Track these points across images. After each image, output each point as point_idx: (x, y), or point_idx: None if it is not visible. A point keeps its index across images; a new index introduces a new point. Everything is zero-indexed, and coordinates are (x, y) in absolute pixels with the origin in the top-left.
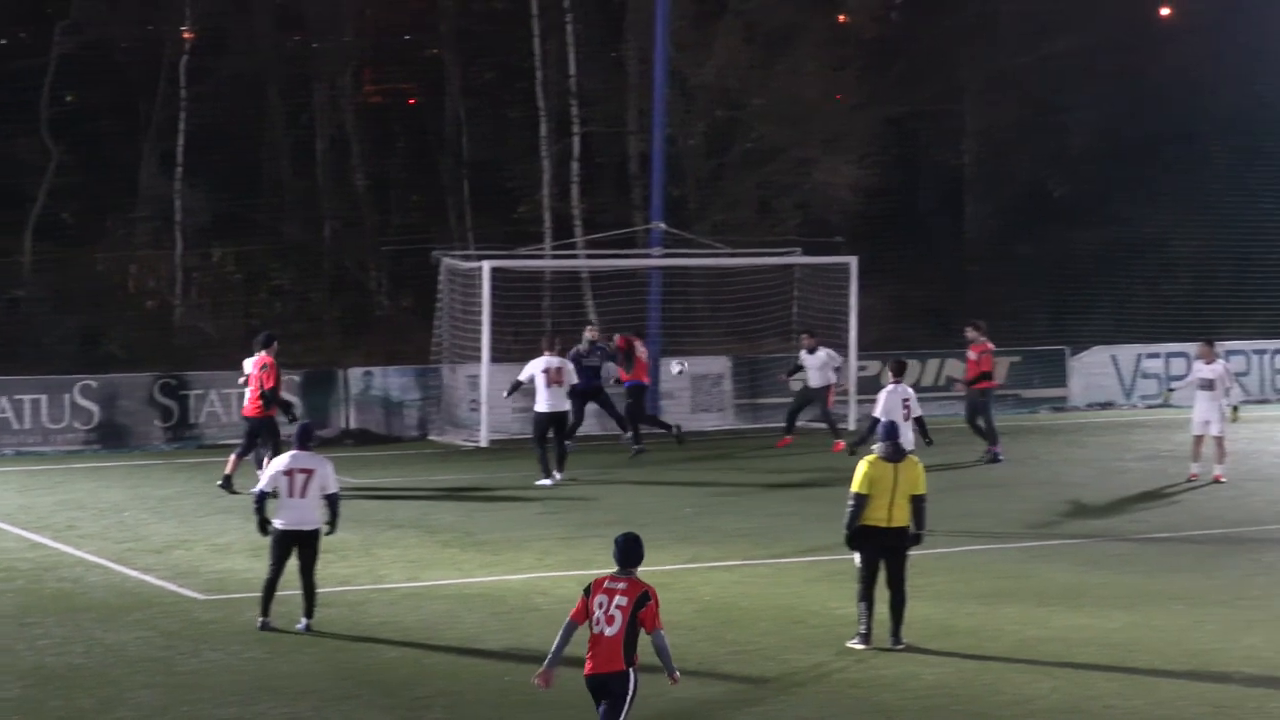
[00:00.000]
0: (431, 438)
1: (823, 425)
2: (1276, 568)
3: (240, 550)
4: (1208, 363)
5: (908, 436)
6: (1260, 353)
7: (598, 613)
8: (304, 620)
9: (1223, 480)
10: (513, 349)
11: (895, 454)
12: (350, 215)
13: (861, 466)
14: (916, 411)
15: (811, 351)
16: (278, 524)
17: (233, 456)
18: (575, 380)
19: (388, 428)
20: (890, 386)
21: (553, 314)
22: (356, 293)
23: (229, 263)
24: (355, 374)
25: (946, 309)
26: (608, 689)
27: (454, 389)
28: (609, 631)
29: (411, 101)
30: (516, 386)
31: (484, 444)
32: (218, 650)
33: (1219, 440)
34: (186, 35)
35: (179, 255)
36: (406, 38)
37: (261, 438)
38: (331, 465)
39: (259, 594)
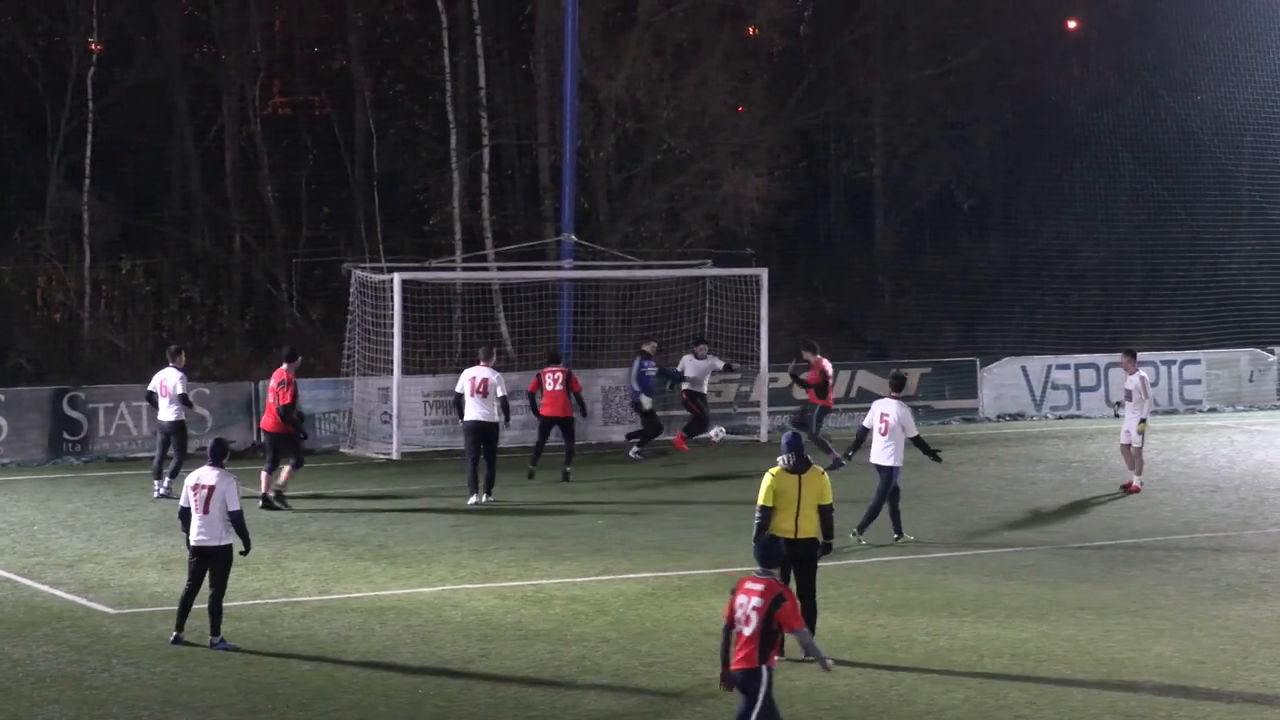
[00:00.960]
0: (343, 450)
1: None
2: (1184, 577)
3: (151, 564)
4: (1129, 373)
5: (885, 450)
6: (1169, 363)
7: (739, 612)
8: (210, 638)
9: (1136, 489)
10: (424, 361)
11: (798, 465)
12: (260, 227)
13: (765, 479)
14: (912, 431)
15: (700, 358)
16: (189, 539)
17: (264, 474)
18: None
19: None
20: (881, 399)
21: (464, 326)
22: (266, 305)
23: (138, 275)
24: (265, 387)
25: (857, 321)
26: (744, 686)
27: (365, 401)
28: (746, 631)
29: (319, 113)
30: (458, 399)
31: (396, 456)
32: (128, 664)
33: (1132, 449)
34: (94, 47)
35: (87, 267)
36: (315, 49)
37: (284, 452)
38: (235, 482)
39: (173, 608)
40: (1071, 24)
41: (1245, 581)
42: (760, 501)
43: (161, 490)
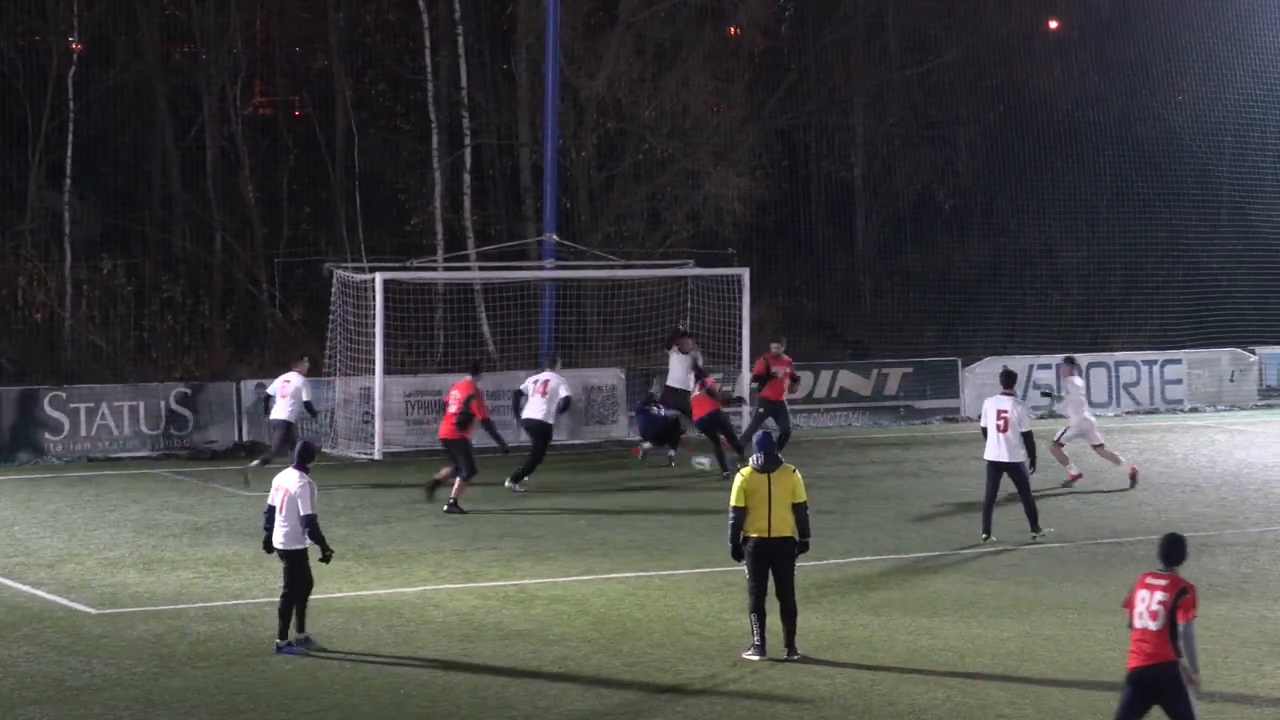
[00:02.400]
0: (325, 450)
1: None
2: None
3: (132, 563)
4: (1067, 377)
5: (1003, 448)
6: (1150, 363)
7: (1140, 607)
8: (277, 640)
9: (1078, 476)
10: (406, 361)
11: (767, 464)
12: (240, 227)
13: (736, 479)
14: (1024, 426)
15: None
16: (267, 539)
17: (454, 479)
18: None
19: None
20: (993, 397)
21: (446, 326)
22: (247, 305)
23: (119, 275)
24: (247, 386)
25: (838, 320)
26: (1156, 682)
27: (348, 401)
28: (1153, 626)
29: (300, 113)
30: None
31: (378, 456)
32: (109, 665)
33: (1060, 446)
34: (74, 46)
35: (68, 267)
36: (296, 49)
37: (459, 458)
38: (311, 487)
39: (155, 608)
40: (1053, 24)
41: (1226, 581)
42: (732, 502)
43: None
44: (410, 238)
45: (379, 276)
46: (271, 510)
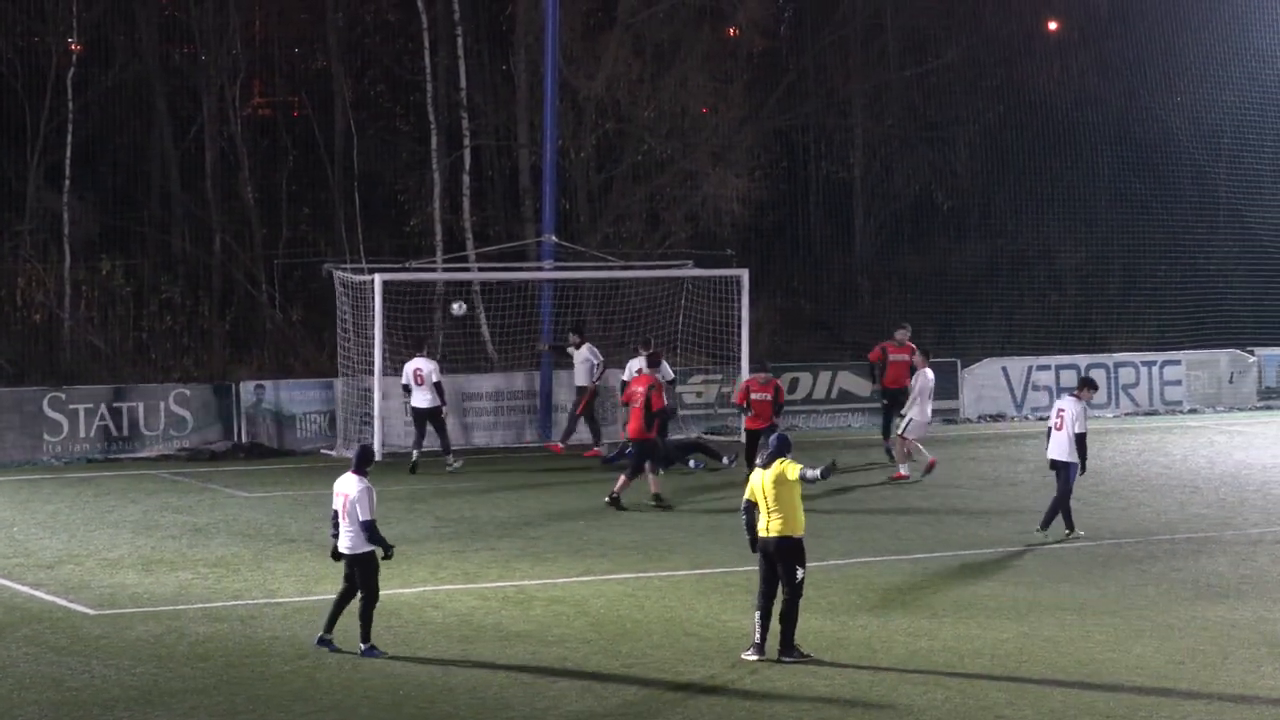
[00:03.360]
0: (325, 451)
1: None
2: (1164, 578)
3: (131, 564)
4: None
5: (1055, 446)
6: (1149, 364)
7: None
8: (360, 644)
9: (904, 476)
10: (406, 362)
11: (764, 461)
12: (239, 228)
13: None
14: (1079, 428)
15: (576, 348)
16: (335, 545)
17: (622, 477)
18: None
19: (280, 441)
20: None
21: (445, 327)
22: (246, 306)
23: (118, 276)
24: (247, 388)
25: (836, 321)
26: None
27: (347, 402)
28: None
29: (299, 114)
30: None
31: (377, 457)
32: (108, 666)
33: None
34: (73, 47)
35: (67, 268)
36: (295, 50)
37: (647, 456)
38: (369, 491)
39: (153, 608)
40: (1051, 24)
41: (1224, 582)
42: (745, 496)
43: (455, 465)
44: (409, 239)
45: (378, 277)
46: (335, 516)
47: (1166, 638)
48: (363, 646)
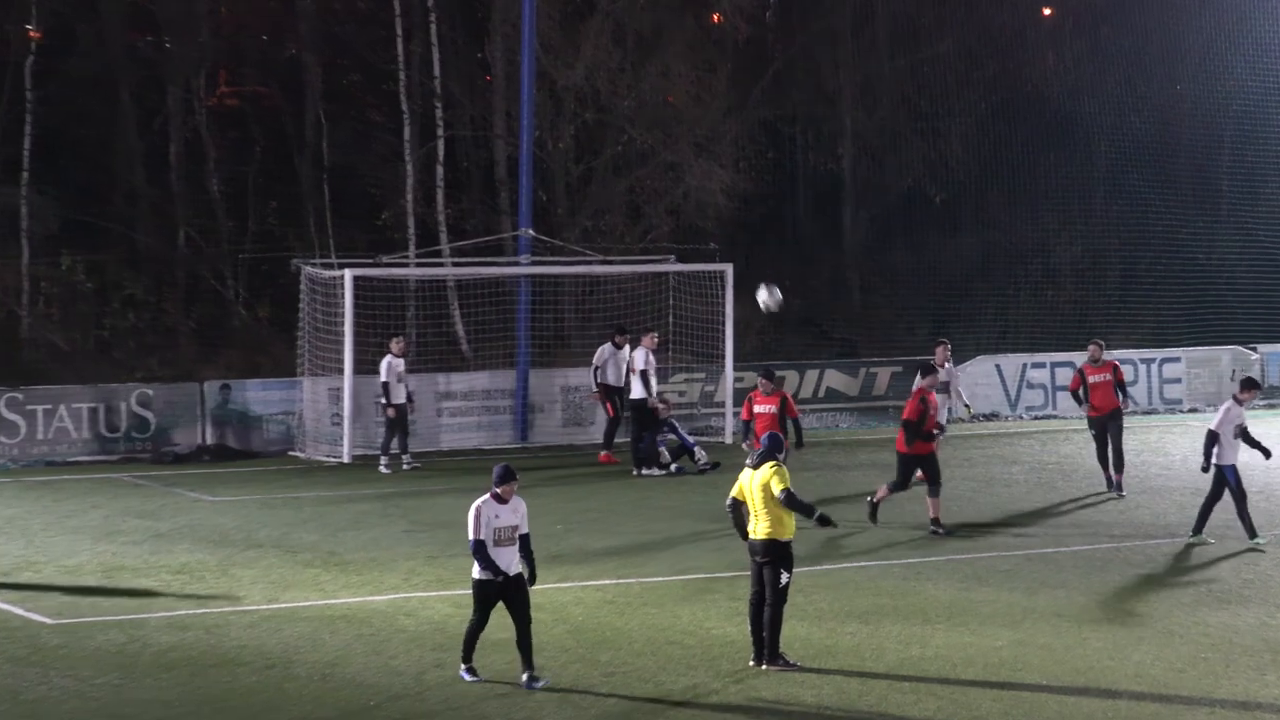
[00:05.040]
0: (293, 453)
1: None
2: (1164, 583)
3: (92, 571)
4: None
5: (1231, 451)
6: (1148, 361)
7: None
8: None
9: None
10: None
11: (755, 460)
12: (206, 222)
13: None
14: (1214, 424)
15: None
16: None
17: (883, 487)
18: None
19: (246, 443)
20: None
21: (418, 324)
22: (213, 303)
23: (79, 272)
24: (212, 387)
25: (825, 318)
26: None
27: (316, 402)
28: None
29: (268, 104)
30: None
31: (347, 460)
32: (67, 677)
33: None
34: (33, 35)
35: (25, 264)
36: (264, 38)
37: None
38: (472, 511)
39: (116, 617)
40: (1046, 11)
41: (1227, 587)
42: (732, 494)
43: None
44: (381, 233)
45: (348, 273)
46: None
47: (1166, 644)
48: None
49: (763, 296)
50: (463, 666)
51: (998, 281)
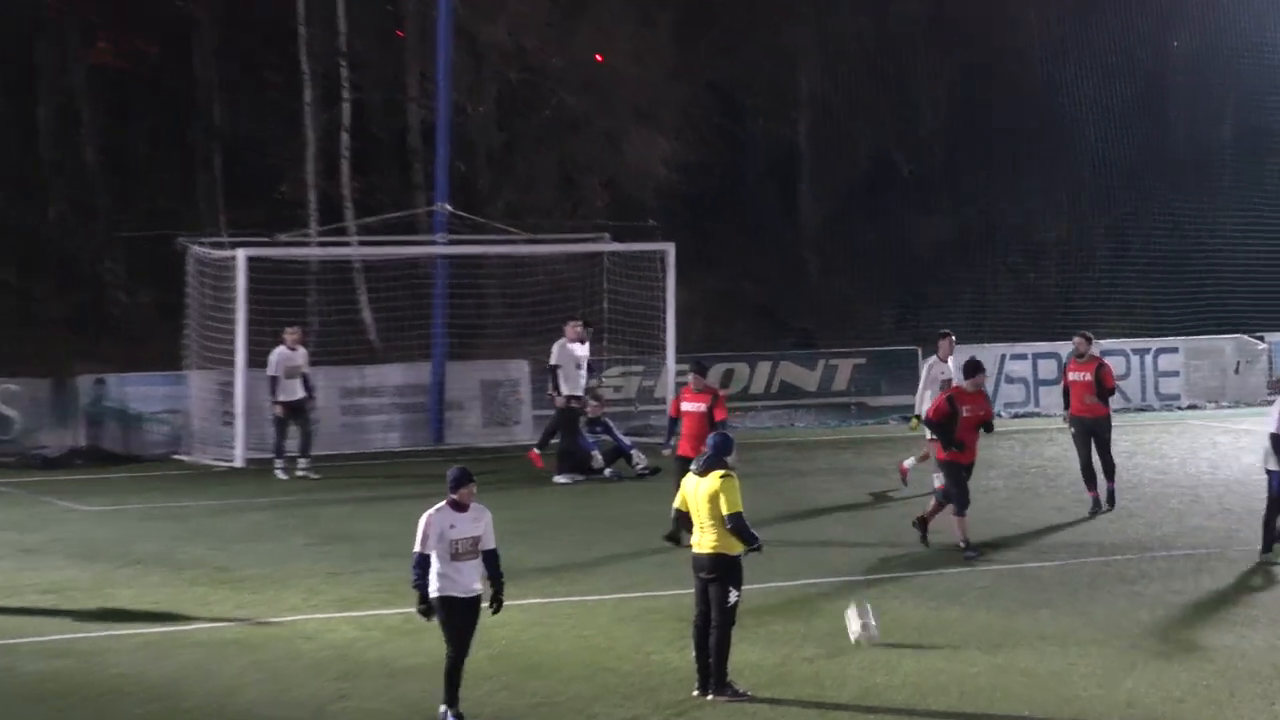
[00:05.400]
0: (178, 457)
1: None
2: (1160, 601)
3: None
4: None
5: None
6: (1141, 352)
7: None
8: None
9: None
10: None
11: (701, 466)
12: (81, 197)
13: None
14: (1275, 426)
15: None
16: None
17: (955, 518)
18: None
19: (126, 445)
20: None
21: (321, 311)
22: (89, 288)
23: None
24: (86, 382)
25: (779, 305)
26: None
27: (205, 399)
28: None
29: (152, 64)
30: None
31: (240, 464)
32: None
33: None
34: None
35: None
36: None
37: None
38: (421, 522)
39: None
40: None
41: (1230, 605)
42: (674, 504)
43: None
44: (279, 208)
45: (241, 253)
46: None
47: (1163, 670)
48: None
49: (855, 629)
50: (449, 713)
51: (974, 263)
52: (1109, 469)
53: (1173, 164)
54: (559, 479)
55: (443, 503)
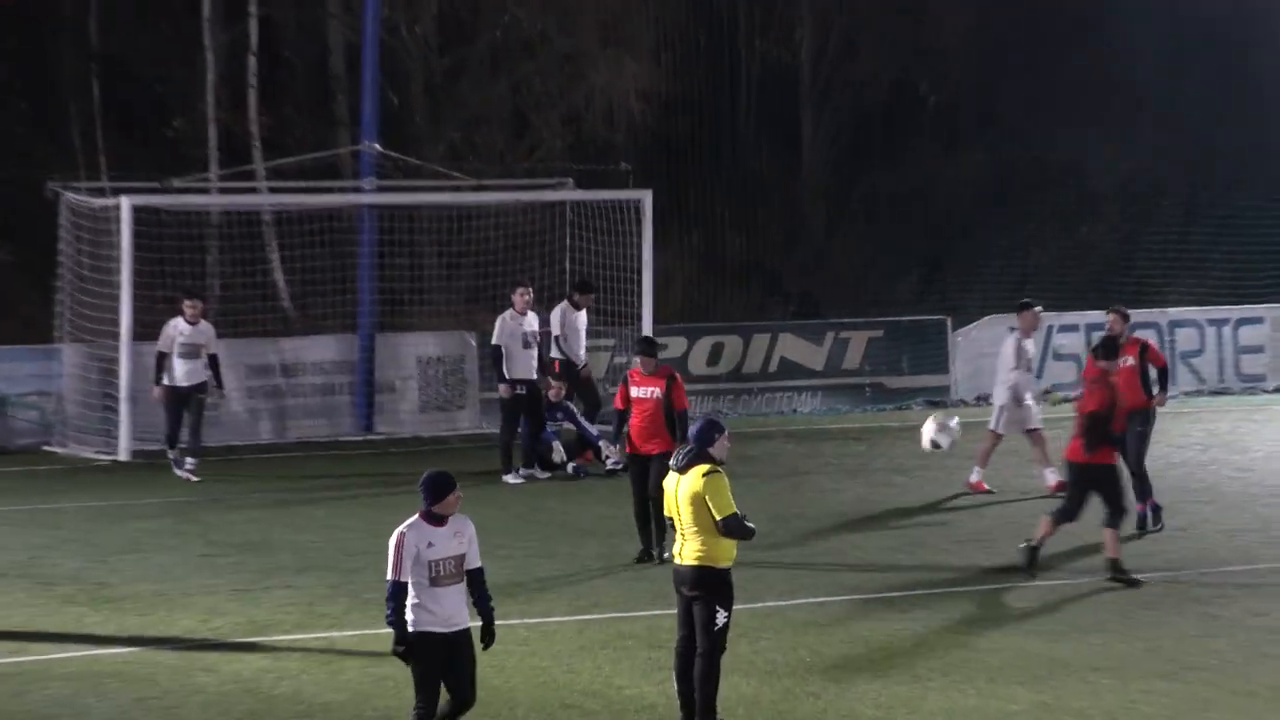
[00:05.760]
0: (49, 448)
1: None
2: (1240, 625)
3: None
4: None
5: None
6: (1218, 323)
7: None
8: None
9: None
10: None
11: (679, 461)
12: None
13: None
14: None
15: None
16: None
17: (1044, 520)
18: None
19: None
20: None
21: (222, 272)
22: None
23: None
24: None
25: (776, 265)
26: None
27: (82, 378)
28: None
29: None
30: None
31: (124, 457)
32: None
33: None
34: None
35: None
36: None
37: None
38: (393, 541)
39: None
40: None
41: None
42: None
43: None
44: (172, 148)
45: (126, 201)
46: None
47: (1244, 710)
48: None
49: (930, 431)
50: None
51: (1013, 214)
52: (1143, 484)
53: (1259, 90)
54: (509, 478)
55: (415, 516)
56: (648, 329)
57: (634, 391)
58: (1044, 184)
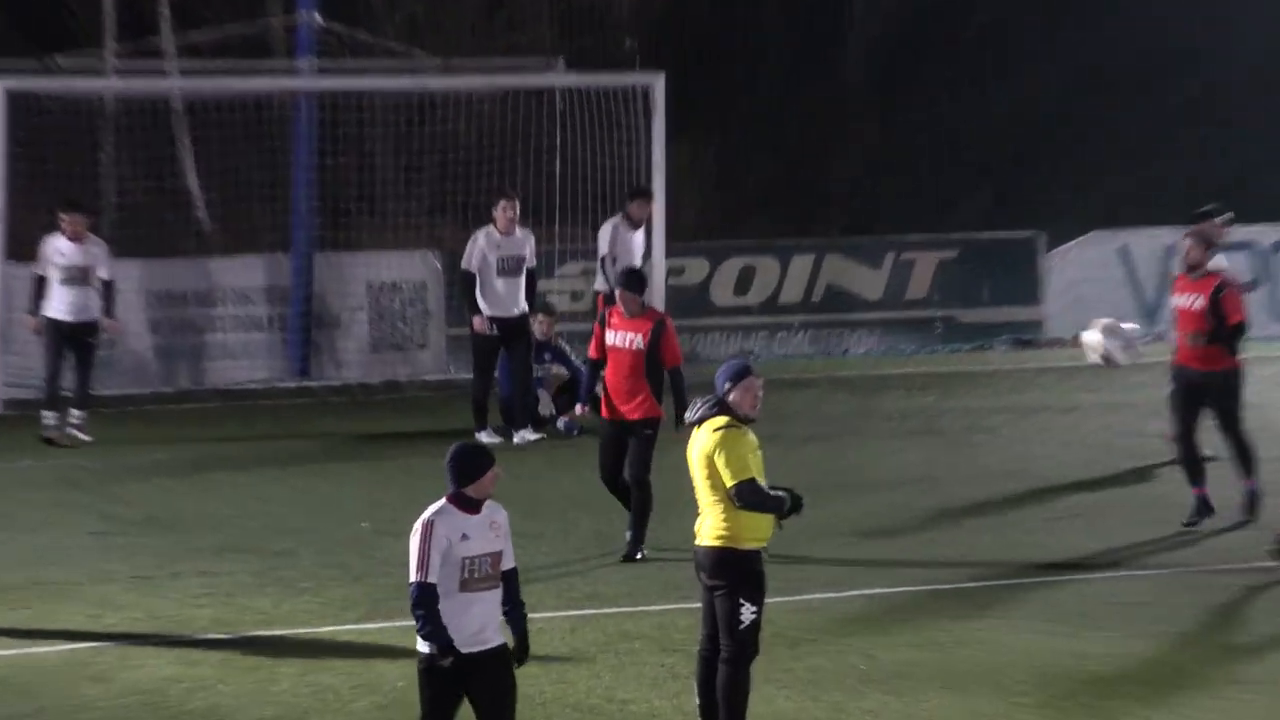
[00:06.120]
0: None
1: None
2: None
3: None
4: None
5: None
6: None
7: None
8: None
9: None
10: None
11: (695, 413)
12: None
13: None
14: None
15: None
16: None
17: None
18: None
19: None
20: None
21: (119, 174)
22: None
23: None
24: None
25: (819, 175)
26: None
27: None
28: None
29: None
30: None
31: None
32: None
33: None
34: None
35: None
36: None
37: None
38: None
39: None
40: None
41: None
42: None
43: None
44: (58, 20)
45: (1, 86)
46: None
47: None
48: None
49: (1093, 340)
50: None
51: (1117, 109)
52: (1244, 457)
53: None
54: (523, 435)
55: (443, 501)
56: (660, 248)
57: (610, 338)
58: (1153, 74)
